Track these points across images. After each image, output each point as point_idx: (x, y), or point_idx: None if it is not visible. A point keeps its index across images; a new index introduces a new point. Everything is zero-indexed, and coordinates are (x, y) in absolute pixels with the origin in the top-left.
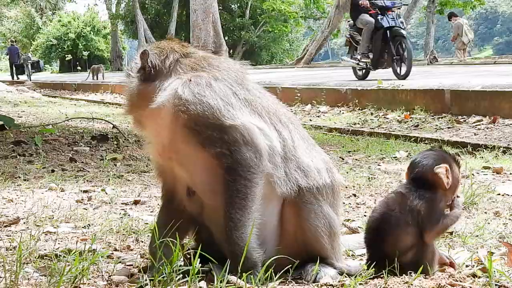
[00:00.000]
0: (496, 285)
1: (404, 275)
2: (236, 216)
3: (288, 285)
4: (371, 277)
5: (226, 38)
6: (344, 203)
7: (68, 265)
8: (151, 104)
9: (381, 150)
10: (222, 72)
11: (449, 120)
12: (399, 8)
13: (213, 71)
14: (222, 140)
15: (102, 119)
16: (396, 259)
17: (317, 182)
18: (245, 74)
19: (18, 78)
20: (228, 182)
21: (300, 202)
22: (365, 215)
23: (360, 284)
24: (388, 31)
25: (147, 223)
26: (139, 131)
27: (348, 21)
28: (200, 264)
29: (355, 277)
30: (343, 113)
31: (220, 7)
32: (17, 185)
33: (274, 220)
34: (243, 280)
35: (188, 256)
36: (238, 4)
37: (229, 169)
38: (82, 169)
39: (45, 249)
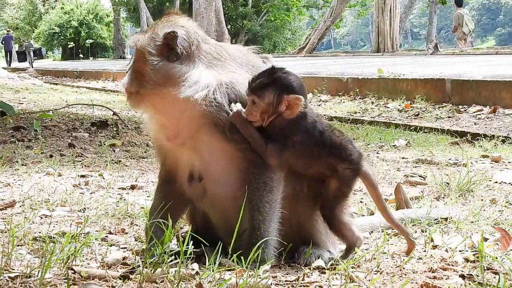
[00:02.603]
0: (487, 269)
1: (397, 258)
2: (265, 210)
3: (280, 268)
4: (364, 260)
5: (229, 26)
6: None
7: (60, 246)
8: (175, 90)
9: (380, 139)
10: (247, 68)
11: (450, 110)
12: None
13: (238, 66)
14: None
15: (102, 106)
16: None
17: None
18: (261, 62)
19: (10, 65)
20: (254, 175)
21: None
22: (361, 201)
23: (352, 267)
24: None
25: (143, 207)
26: (143, 109)
27: None
28: (193, 247)
29: (348, 260)
30: (344, 102)
31: None
32: (15, 170)
33: None
34: (232, 260)
35: (183, 239)
36: None
37: (255, 162)
38: (80, 154)
39: (39, 232)
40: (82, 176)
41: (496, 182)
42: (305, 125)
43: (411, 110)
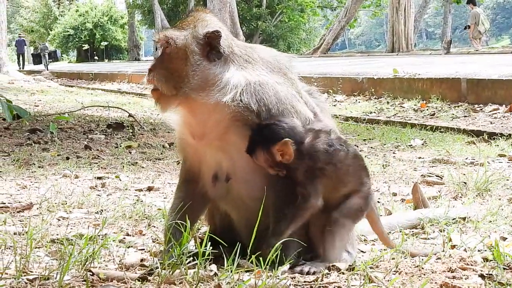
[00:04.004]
0: (506, 268)
1: (415, 258)
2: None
3: (298, 268)
4: (382, 260)
5: (243, 28)
6: None
7: (78, 248)
8: (206, 94)
9: (396, 139)
10: (278, 74)
11: (466, 109)
12: None
13: (269, 71)
14: None
15: (118, 108)
16: None
17: None
18: (293, 69)
19: (23, 68)
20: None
21: None
22: (378, 201)
23: (371, 267)
24: None
25: (160, 209)
26: (172, 108)
27: None
28: (212, 248)
29: (366, 260)
30: (359, 102)
31: None
32: (32, 172)
33: None
34: (251, 262)
35: (201, 240)
36: None
37: None
38: (97, 156)
39: (57, 234)
40: (99, 178)
41: None
42: (321, 147)
43: (427, 109)
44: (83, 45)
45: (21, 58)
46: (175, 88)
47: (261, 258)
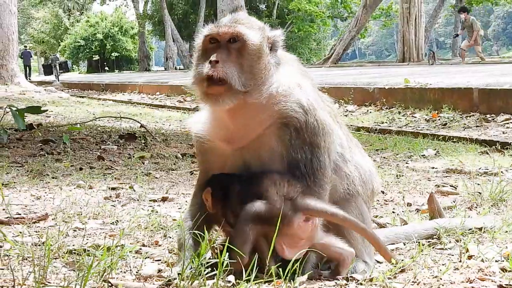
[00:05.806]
0: None
1: (433, 269)
2: None
3: (317, 279)
4: (400, 271)
5: None
6: None
7: (96, 259)
8: (259, 91)
9: (409, 149)
10: (307, 77)
11: (478, 119)
12: None
13: (303, 73)
14: (311, 145)
15: (130, 118)
16: None
17: (363, 182)
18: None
19: (30, 80)
20: (308, 184)
21: (340, 198)
22: (393, 212)
23: (389, 278)
24: None
25: (175, 219)
26: (232, 104)
27: None
28: (229, 257)
29: (384, 271)
30: (370, 112)
31: (247, 7)
32: (46, 183)
33: None
34: (271, 274)
35: (217, 250)
36: (265, 4)
37: (309, 172)
38: (110, 167)
39: (73, 245)
40: (113, 188)
41: None
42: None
43: (439, 119)
44: (93, 55)
45: (27, 69)
46: (244, 85)
47: (280, 269)
